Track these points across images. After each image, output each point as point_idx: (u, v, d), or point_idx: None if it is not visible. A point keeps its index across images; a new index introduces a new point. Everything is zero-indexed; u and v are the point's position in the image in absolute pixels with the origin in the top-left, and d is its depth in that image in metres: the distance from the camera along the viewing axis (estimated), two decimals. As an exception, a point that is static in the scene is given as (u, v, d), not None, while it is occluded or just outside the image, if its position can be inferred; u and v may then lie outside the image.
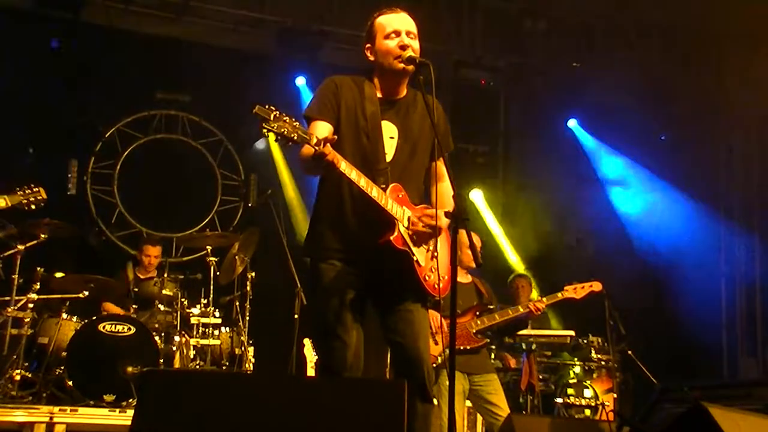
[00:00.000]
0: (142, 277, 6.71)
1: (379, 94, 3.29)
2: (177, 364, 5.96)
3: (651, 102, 8.62)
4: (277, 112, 2.82)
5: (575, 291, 5.49)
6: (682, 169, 8.76)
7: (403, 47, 3.19)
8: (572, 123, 9.28)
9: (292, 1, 8.19)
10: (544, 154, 9.21)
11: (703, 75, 8.61)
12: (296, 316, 6.12)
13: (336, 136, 3.01)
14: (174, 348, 6.07)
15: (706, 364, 8.46)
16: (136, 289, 6.34)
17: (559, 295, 5.49)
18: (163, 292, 6.26)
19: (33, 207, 4.89)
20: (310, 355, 5.72)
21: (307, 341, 5.80)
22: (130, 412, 4.83)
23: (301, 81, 8.30)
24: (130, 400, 5.36)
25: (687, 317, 8.33)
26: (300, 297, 6.14)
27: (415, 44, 3.23)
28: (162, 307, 6.21)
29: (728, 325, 8.86)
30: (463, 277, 5.27)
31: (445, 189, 3.33)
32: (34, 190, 4.88)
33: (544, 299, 5.58)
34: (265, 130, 2.80)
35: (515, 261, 8.93)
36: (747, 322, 8.75)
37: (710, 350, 8.66)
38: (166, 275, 6.37)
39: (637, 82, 8.53)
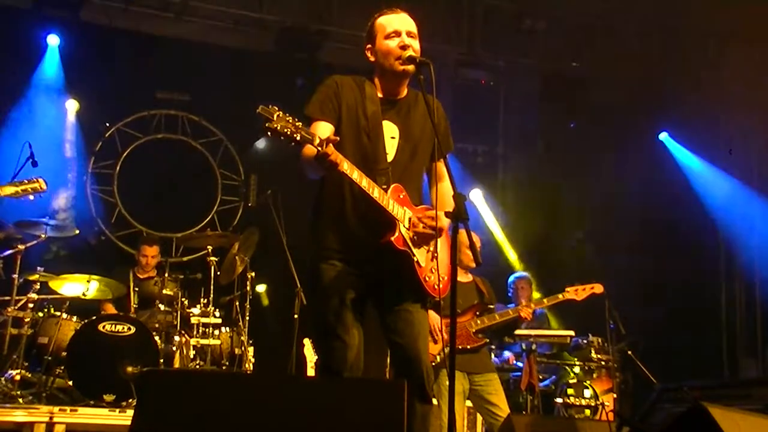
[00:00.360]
0: (141, 276, 6.71)
1: (379, 94, 3.29)
2: (177, 364, 5.95)
3: (649, 101, 8.62)
4: (280, 112, 2.82)
5: (576, 292, 5.50)
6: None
7: (404, 47, 3.19)
8: (573, 123, 9.27)
9: (291, 1, 8.19)
10: (543, 154, 9.22)
11: (702, 75, 8.60)
12: (296, 316, 6.12)
13: (338, 137, 3.01)
14: (174, 348, 6.06)
15: (706, 364, 8.46)
16: (136, 289, 6.34)
17: (560, 296, 5.51)
18: (163, 291, 6.25)
19: (31, 197, 4.87)
20: (310, 355, 5.71)
21: (306, 341, 5.80)
22: (130, 412, 4.83)
23: (299, 81, 8.28)
24: (130, 400, 5.36)
25: (687, 317, 8.33)
26: (300, 297, 6.14)
27: (416, 44, 3.23)
28: (162, 307, 6.21)
29: (728, 325, 8.86)
30: (464, 277, 5.27)
31: (445, 189, 3.32)
32: (33, 180, 4.87)
33: (545, 300, 5.60)
34: (267, 131, 2.80)
35: (515, 261, 8.93)
36: (747, 321, 8.75)
37: (710, 350, 8.66)
38: (166, 275, 6.36)
39: (636, 81, 8.53)
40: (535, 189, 9.05)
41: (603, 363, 6.71)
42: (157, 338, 5.80)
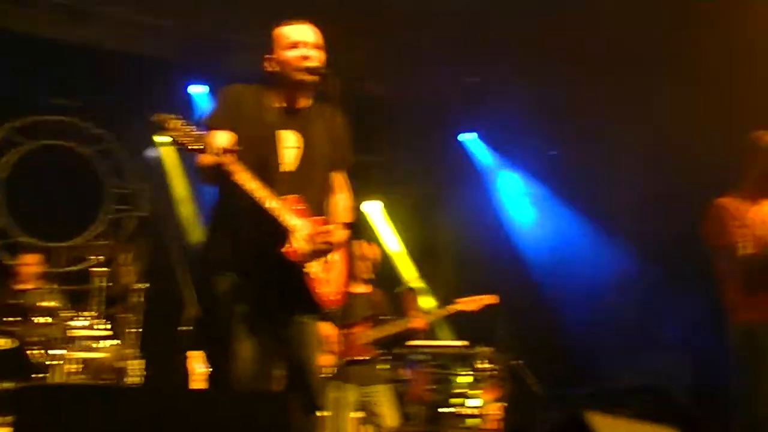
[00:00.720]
0: (20, 287, 6.38)
1: (280, 104, 3.28)
2: (58, 379, 5.68)
3: (548, 118, 8.95)
4: (176, 121, 2.79)
5: (468, 303, 5.63)
6: (573, 184, 9.21)
7: (304, 58, 3.21)
8: (469, 137, 9.55)
9: (194, 7, 8.01)
10: (440, 167, 9.45)
11: (598, 92, 8.91)
12: (186, 329, 5.99)
13: (236, 146, 2.99)
14: (55, 362, 5.78)
15: (589, 372, 8.83)
16: (13, 301, 6.02)
17: (449, 308, 5.62)
18: (44, 303, 5.96)
19: None
20: (199, 367, 5.60)
21: (195, 353, 5.68)
22: (6, 431, 4.56)
23: (201, 89, 8.14)
24: (6, 418, 5.06)
25: (569, 325, 8.71)
26: (190, 309, 6.01)
27: (318, 55, 3.25)
28: (42, 319, 5.91)
29: (606, 333, 9.26)
30: (358, 288, 5.31)
31: (343, 201, 3.37)
32: None
33: (436, 311, 5.71)
34: (163, 138, 2.77)
35: (409, 273, 9.08)
36: (625, 329, 9.18)
37: (591, 357, 9.04)
38: (48, 286, 6.09)
39: (534, 96, 8.81)
40: (431, 201, 9.29)
41: (491, 372, 6.88)
42: (35, 352, 5.53)
